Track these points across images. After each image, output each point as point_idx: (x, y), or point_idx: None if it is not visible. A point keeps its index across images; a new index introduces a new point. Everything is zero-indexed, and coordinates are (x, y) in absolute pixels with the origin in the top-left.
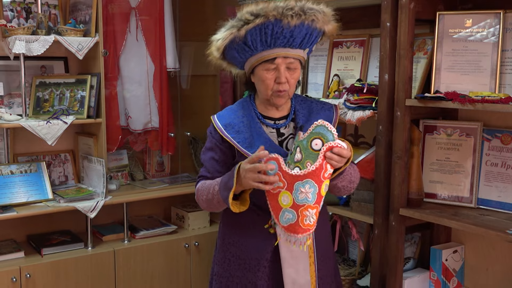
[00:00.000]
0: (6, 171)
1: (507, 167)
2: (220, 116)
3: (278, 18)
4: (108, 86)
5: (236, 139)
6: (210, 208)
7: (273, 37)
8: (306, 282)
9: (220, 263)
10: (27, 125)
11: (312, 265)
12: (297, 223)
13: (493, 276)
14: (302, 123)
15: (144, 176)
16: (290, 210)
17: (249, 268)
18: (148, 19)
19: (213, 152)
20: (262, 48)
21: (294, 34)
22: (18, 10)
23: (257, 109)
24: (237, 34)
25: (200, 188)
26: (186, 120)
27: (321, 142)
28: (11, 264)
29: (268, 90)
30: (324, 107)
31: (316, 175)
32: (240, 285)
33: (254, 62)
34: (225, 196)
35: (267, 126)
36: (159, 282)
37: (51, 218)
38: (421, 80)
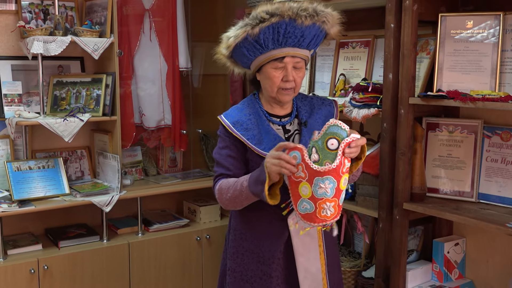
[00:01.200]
0: (25, 166)
1: (506, 163)
2: (227, 115)
3: (292, 18)
4: (123, 85)
5: (245, 136)
6: (233, 205)
7: (285, 36)
8: (317, 270)
9: (233, 258)
10: (45, 122)
11: (322, 253)
12: (314, 214)
13: (493, 267)
14: (305, 119)
15: (157, 171)
16: (308, 201)
17: (263, 261)
18: (161, 20)
19: (229, 150)
20: (273, 47)
21: (304, 34)
22: (36, 12)
23: (262, 107)
24: (250, 32)
25: (223, 187)
26: (198, 117)
27: (336, 141)
28: (30, 256)
29: (274, 88)
30: (324, 102)
31: (336, 172)
32: (255, 278)
33: (262, 60)
34: (258, 190)
35: (273, 123)
36: (171, 273)
37: (68, 212)
38: (424, 79)
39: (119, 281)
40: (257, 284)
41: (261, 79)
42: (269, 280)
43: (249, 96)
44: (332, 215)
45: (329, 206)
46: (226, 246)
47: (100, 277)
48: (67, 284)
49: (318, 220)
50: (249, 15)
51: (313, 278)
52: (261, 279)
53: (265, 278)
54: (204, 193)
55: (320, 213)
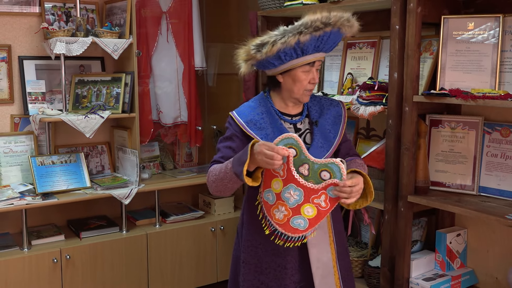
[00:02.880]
0: (48, 161)
1: (506, 158)
2: (240, 113)
3: (339, 27)
4: (141, 83)
5: (259, 135)
6: (217, 188)
7: (325, 43)
8: (328, 259)
9: (247, 250)
10: (67, 119)
11: (332, 243)
12: (271, 207)
13: (493, 257)
14: (316, 118)
15: (174, 166)
16: (273, 195)
17: (278, 253)
18: (178, 22)
19: (231, 141)
20: (311, 53)
21: (337, 41)
22: (58, 14)
23: (274, 105)
24: (301, 39)
25: (211, 169)
26: (213, 114)
27: (329, 176)
28: (53, 246)
29: (301, 90)
30: (332, 103)
31: (309, 193)
32: (269, 269)
33: (294, 65)
34: (239, 170)
35: (285, 122)
36: (187, 262)
37: (89, 204)
38: (427, 78)
39: (137, 269)
40: (272, 275)
41: (285, 81)
42: (283, 271)
43: (259, 94)
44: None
45: (282, 210)
46: (239, 239)
47: (119, 266)
48: (88, 272)
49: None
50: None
51: (324, 267)
52: (275, 270)
53: (280, 269)
54: None
55: (273, 210)
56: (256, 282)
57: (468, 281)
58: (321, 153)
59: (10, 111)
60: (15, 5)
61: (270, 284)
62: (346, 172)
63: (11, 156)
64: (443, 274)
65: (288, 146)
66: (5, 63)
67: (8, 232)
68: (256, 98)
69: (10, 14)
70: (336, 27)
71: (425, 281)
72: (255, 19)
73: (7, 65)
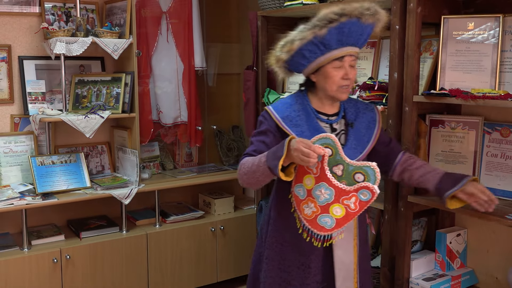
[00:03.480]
0: (48, 161)
1: (506, 158)
2: (276, 109)
3: (358, 17)
4: (141, 83)
5: (294, 132)
6: (248, 180)
7: (347, 35)
8: (350, 262)
9: (272, 247)
10: (67, 119)
11: (355, 246)
12: (301, 201)
13: (493, 257)
14: (352, 120)
15: (174, 166)
16: (304, 190)
17: (303, 252)
18: (178, 22)
19: (265, 136)
20: (336, 47)
21: (364, 33)
22: (58, 14)
23: (311, 104)
24: (318, 33)
25: (244, 162)
26: (213, 114)
27: (363, 178)
28: (53, 246)
29: (334, 87)
30: (367, 107)
31: (340, 193)
32: (293, 267)
33: (322, 62)
34: (274, 164)
35: (321, 121)
36: (187, 262)
37: (89, 204)
38: (427, 78)
39: (137, 269)
40: (295, 273)
41: (318, 80)
42: (307, 270)
43: (297, 92)
44: (306, 216)
45: (311, 207)
46: (262, 236)
47: (119, 266)
48: (88, 272)
49: (299, 209)
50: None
51: (346, 269)
52: (298, 269)
53: (303, 268)
54: (219, 186)
55: (303, 205)
56: (278, 279)
57: (468, 281)
58: (354, 155)
59: (10, 111)
60: (15, 5)
61: (292, 283)
62: (380, 177)
63: (11, 156)
64: (443, 274)
65: (324, 145)
66: (5, 63)
67: (8, 232)
68: (293, 95)
69: (10, 14)
70: (354, 16)
71: (425, 281)
72: (255, 19)
73: (7, 65)
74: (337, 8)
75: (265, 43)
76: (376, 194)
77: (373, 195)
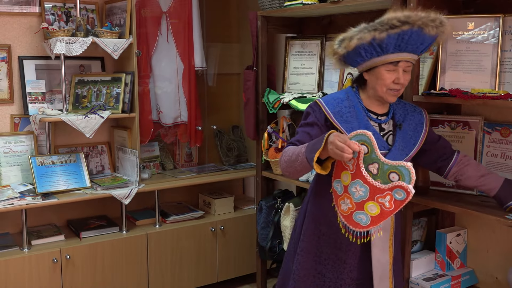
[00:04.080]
0: (48, 161)
1: (506, 158)
2: (327, 102)
3: (421, 27)
4: (141, 83)
5: (345, 127)
6: (287, 168)
7: (407, 43)
8: (386, 261)
9: (309, 239)
10: (67, 119)
11: (391, 247)
12: (339, 197)
13: (493, 257)
14: (400, 121)
15: (174, 166)
16: (341, 186)
17: (340, 247)
18: (178, 22)
19: (311, 127)
20: (393, 51)
21: (424, 42)
22: (58, 14)
23: (362, 102)
24: (378, 36)
25: (286, 150)
26: (213, 114)
27: (397, 178)
28: (53, 246)
29: (384, 88)
30: (415, 110)
31: (375, 191)
32: (328, 261)
33: (377, 62)
34: (311, 156)
35: (371, 119)
36: (187, 262)
37: (89, 204)
38: (427, 78)
39: (137, 269)
40: (330, 267)
41: (370, 79)
42: (342, 265)
43: (348, 88)
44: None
45: (347, 203)
46: (297, 229)
47: (119, 266)
48: (88, 272)
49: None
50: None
51: (382, 268)
52: (334, 263)
53: (339, 263)
54: (219, 186)
55: (340, 201)
56: (313, 271)
57: (468, 281)
58: (401, 156)
59: (10, 111)
60: (15, 5)
61: (327, 275)
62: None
63: (11, 156)
64: (443, 274)
65: (360, 142)
66: (5, 63)
67: (8, 232)
68: (344, 91)
69: (10, 14)
70: (417, 26)
71: (425, 281)
72: (255, 19)
73: (7, 65)
74: (403, 15)
75: (265, 43)
76: (411, 194)
77: (408, 195)
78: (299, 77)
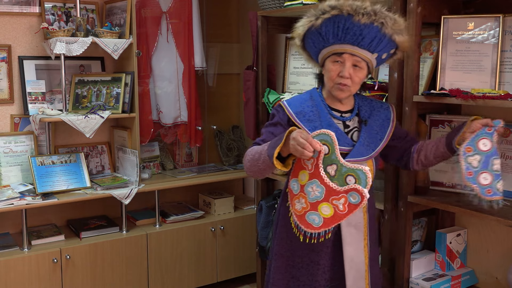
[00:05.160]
0: (48, 161)
1: (506, 158)
2: (290, 104)
3: (350, 13)
4: (141, 83)
5: (307, 127)
6: (250, 168)
7: (343, 31)
8: (361, 261)
9: (281, 243)
10: (67, 119)
11: (366, 246)
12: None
13: (493, 257)
14: (366, 118)
15: (174, 166)
16: (298, 185)
17: (313, 248)
18: (178, 22)
19: (275, 127)
20: (334, 41)
21: (363, 33)
22: (58, 14)
23: (325, 100)
24: (314, 23)
25: (249, 150)
26: (212, 114)
27: (354, 181)
28: (53, 246)
29: (330, 82)
30: (382, 106)
31: (329, 193)
32: (302, 264)
33: (325, 54)
34: (272, 153)
35: (334, 117)
36: (187, 262)
37: (89, 204)
38: (427, 78)
39: (137, 270)
40: (304, 270)
41: (324, 73)
42: (316, 267)
43: (312, 89)
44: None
45: (301, 202)
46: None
47: (119, 266)
48: (88, 272)
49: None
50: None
51: (357, 268)
52: (308, 266)
53: (313, 265)
54: (219, 186)
55: (295, 200)
56: (288, 275)
57: (468, 281)
58: (366, 152)
59: (10, 111)
60: (15, 5)
61: (301, 279)
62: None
63: (11, 156)
64: (443, 274)
65: (322, 142)
66: (5, 63)
67: (8, 232)
68: (308, 92)
69: (10, 14)
70: (346, 12)
71: (425, 281)
72: (255, 19)
73: (7, 65)
74: (336, 2)
75: (265, 43)
76: (365, 198)
77: (362, 199)
78: (299, 77)
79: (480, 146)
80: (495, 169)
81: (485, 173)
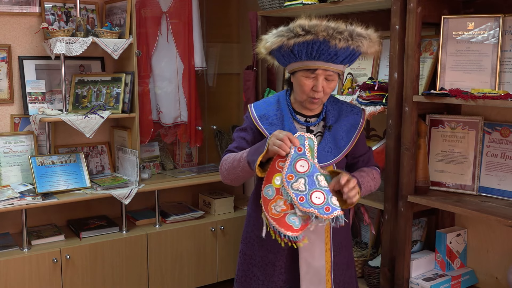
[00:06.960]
0: (48, 161)
1: (506, 158)
2: (256, 106)
3: (326, 38)
4: (141, 83)
5: (268, 130)
6: (228, 176)
7: (318, 52)
8: (321, 267)
9: (245, 242)
10: (67, 119)
11: (328, 251)
12: (269, 201)
13: (493, 257)
14: (331, 123)
15: (174, 166)
16: (273, 190)
17: (270, 249)
18: (178, 22)
19: (246, 132)
20: (306, 59)
21: (338, 53)
22: (58, 14)
23: (291, 105)
24: (286, 43)
25: (225, 158)
26: (212, 114)
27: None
28: (53, 246)
29: (303, 95)
30: (353, 110)
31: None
32: (261, 263)
33: (296, 67)
34: (253, 159)
35: (298, 122)
36: (187, 262)
37: (89, 204)
38: (427, 78)
39: (137, 269)
40: (263, 269)
41: (294, 82)
42: (272, 267)
43: (282, 91)
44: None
45: (280, 205)
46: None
47: (119, 266)
48: (88, 272)
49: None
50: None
51: (315, 273)
52: (266, 265)
53: (269, 266)
54: (219, 186)
55: (271, 205)
56: (249, 273)
57: (468, 281)
58: (327, 158)
59: (10, 111)
60: (15, 5)
61: (260, 278)
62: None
63: (11, 156)
64: (443, 274)
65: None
66: (5, 63)
67: (8, 232)
68: (277, 94)
69: (10, 14)
70: (321, 37)
71: (425, 281)
72: (255, 19)
73: (7, 65)
74: (308, 24)
75: None
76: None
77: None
78: None
79: (298, 169)
80: (323, 185)
81: (315, 192)
